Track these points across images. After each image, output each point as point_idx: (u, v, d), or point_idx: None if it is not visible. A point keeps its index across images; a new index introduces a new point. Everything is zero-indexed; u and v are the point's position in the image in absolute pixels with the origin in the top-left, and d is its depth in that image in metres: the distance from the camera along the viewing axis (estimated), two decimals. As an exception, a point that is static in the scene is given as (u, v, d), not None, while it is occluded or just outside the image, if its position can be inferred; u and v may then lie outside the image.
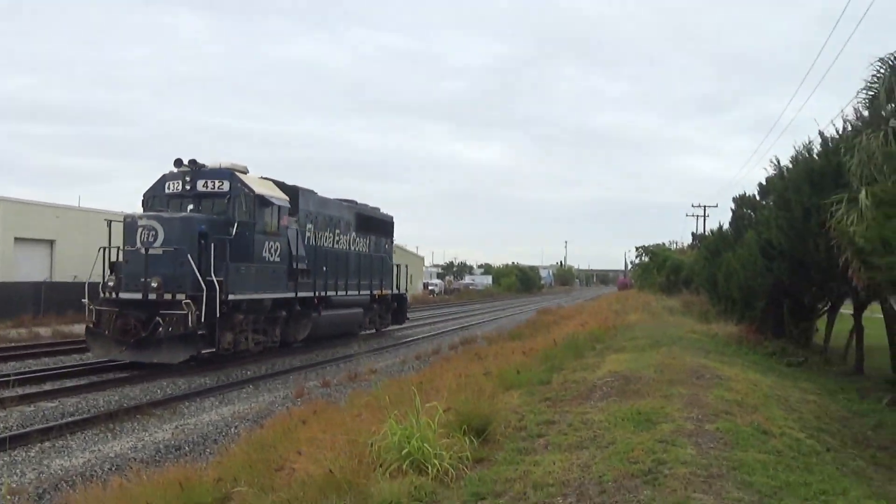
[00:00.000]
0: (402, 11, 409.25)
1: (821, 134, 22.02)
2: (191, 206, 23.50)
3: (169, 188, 24.33)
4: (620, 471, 7.21)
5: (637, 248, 67.41)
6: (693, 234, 69.85)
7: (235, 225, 23.28)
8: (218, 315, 21.86)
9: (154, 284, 21.63)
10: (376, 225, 34.01)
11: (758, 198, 31.89)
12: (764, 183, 29.40)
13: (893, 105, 15.11)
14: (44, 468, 11.55)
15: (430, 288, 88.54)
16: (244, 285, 23.31)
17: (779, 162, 24.47)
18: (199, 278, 21.50)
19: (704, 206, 73.48)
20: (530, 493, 6.95)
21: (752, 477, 7.08)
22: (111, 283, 22.33)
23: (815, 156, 20.79)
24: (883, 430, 11.86)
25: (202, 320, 21.41)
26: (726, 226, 36.92)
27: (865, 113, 16.66)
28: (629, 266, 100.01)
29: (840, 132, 19.74)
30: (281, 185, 26.44)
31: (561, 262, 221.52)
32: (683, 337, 21.86)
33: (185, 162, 23.77)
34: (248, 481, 8.20)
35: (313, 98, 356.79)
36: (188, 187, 23.99)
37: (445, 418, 8.35)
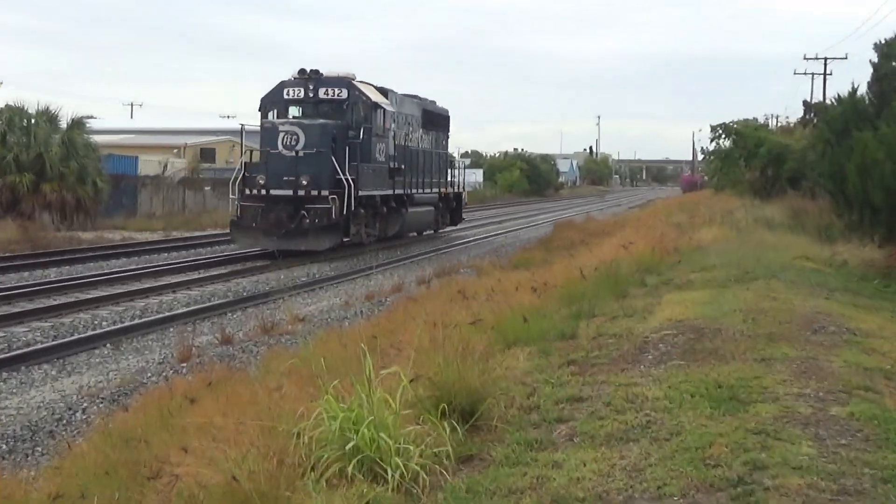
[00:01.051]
0: None
1: None
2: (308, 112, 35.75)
3: (288, 94, 35.65)
4: (691, 479, 7.00)
5: (713, 128, 61.54)
6: (805, 103, 63.91)
7: (361, 130, 34.83)
8: (353, 207, 33.39)
9: (304, 182, 32.99)
10: (437, 120, 45.09)
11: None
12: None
13: None
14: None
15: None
16: (367, 183, 34.83)
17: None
18: (341, 176, 32.99)
19: (825, 60, 70.15)
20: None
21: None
22: (261, 181, 33.33)
23: None
24: None
25: (343, 213, 32.99)
26: (862, 89, 33.94)
27: None
28: (700, 155, 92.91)
29: None
30: (378, 89, 37.67)
31: (591, 150, 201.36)
32: (790, 266, 20.82)
33: (308, 71, 35.35)
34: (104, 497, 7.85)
35: None
36: (310, 94, 35.45)
37: (413, 393, 8.18)
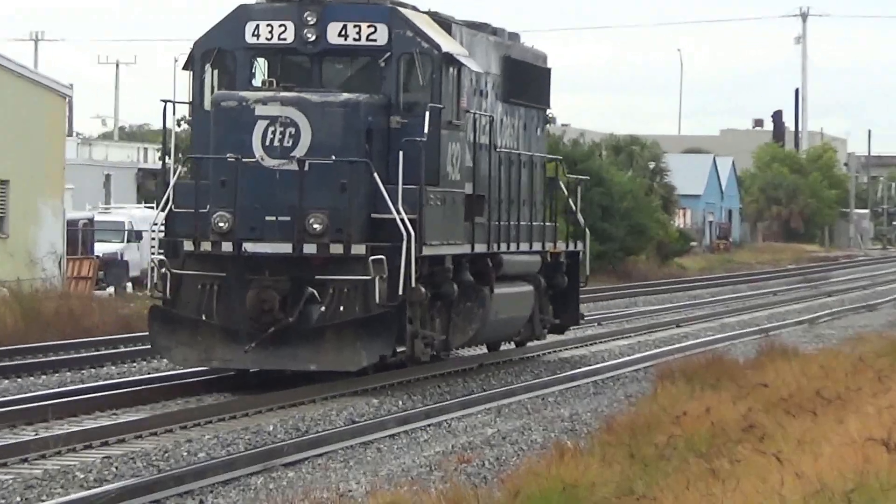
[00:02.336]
0: None
1: None
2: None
3: (259, 35, 21.53)
4: None
5: None
6: None
7: (423, 114, 21.10)
8: (413, 282, 20.55)
9: (316, 226, 20.32)
10: (531, 82, 27.30)
11: None
12: None
13: None
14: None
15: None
16: (436, 229, 21.82)
17: None
18: (393, 214, 20.32)
19: None
20: None
21: None
22: (223, 224, 20.27)
23: None
24: None
25: (398, 292, 20.33)
26: None
27: None
28: None
29: None
30: (431, 16, 23.19)
31: (775, 123, 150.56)
32: None
33: None
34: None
35: None
36: (310, 35, 21.42)
37: None
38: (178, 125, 23.48)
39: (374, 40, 21.53)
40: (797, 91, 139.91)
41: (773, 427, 14.44)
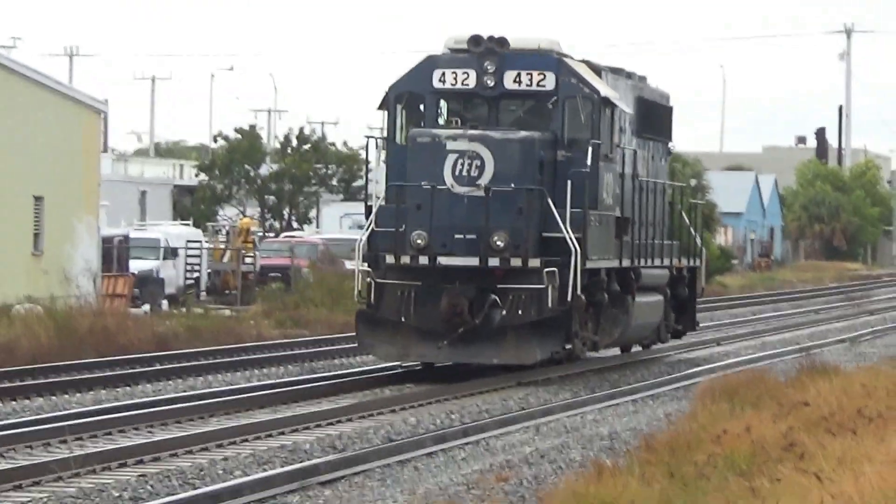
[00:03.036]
0: None
1: None
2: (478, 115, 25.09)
3: (445, 80, 24.84)
4: None
5: None
6: None
7: (587, 148, 24.60)
8: (579, 291, 24.06)
9: (499, 243, 23.59)
10: (658, 119, 31.28)
11: None
12: None
13: None
14: None
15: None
16: (596, 246, 25.34)
17: None
18: (564, 233, 23.73)
19: None
20: None
21: None
22: (420, 242, 23.53)
23: None
24: None
25: (567, 299, 23.86)
26: None
27: None
28: None
29: None
30: (588, 65, 26.52)
31: (820, 140, 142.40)
32: None
33: (486, 38, 24.75)
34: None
35: None
36: (488, 82, 24.58)
37: None
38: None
39: (544, 86, 24.96)
40: (840, 108, 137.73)
41: (813, 446, 13.88)
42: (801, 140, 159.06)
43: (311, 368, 27.58)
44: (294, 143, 76.50)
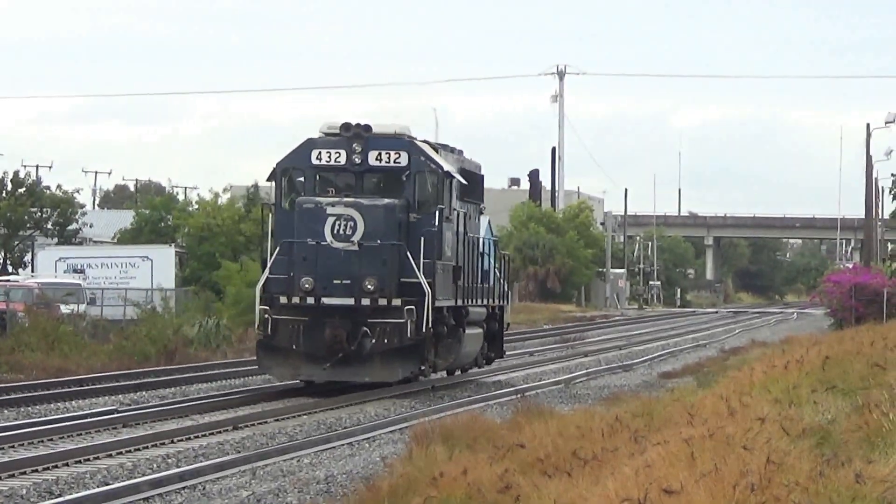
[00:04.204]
0: None
1: None
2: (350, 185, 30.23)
3: (321, 159, 30.11)
4: None
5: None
6: None
7: (433, 212, 30.07)
8: (430, 324, 29.17)
9: (370, 287, 28.62)
10: (474, 186, 36.64)
11: None
12: None
13: None
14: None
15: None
16: (442, 289, 30.43)
17: None
18: (419, 279, 28.80)
19: None
20: None
21: None
22: (307, 286, 28.60)
23: None
24: None
25: (422, 331, 28.81)
26: None
27: None
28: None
29: None
30: (431, 145, 32.14)
31: (532, 181, 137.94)
32: None
33: (354, 125, 29.62)
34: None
35: None
36: (356, 160, 29.90)
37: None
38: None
39: (399, 162, 30.32)
40: (553, 149, 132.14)
41: (529, 488, 13.41)
42: (515, 182, 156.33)
43: (27, 413, 26.39)
44: (9, 186, 75.02)
